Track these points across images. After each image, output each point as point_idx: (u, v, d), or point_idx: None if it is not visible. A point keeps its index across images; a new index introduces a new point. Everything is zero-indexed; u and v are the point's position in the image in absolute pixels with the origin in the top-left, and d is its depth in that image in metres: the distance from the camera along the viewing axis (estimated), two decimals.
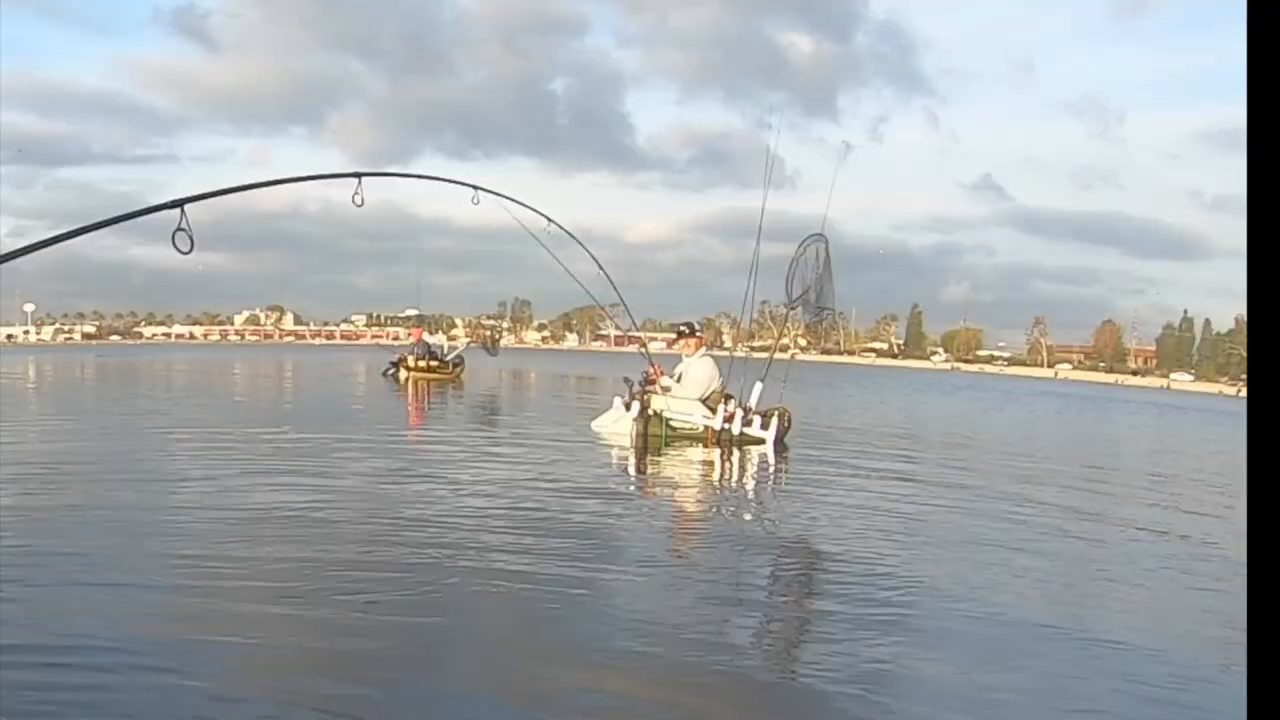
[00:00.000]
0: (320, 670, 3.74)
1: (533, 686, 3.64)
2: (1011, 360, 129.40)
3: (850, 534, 6.97)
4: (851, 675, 3.90)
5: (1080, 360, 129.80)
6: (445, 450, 11.53)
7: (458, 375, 29.32)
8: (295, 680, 3.63)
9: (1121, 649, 4.52)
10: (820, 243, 13.49)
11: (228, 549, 5.63)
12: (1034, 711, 3.72)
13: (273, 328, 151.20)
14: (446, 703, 3.53)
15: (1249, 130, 2.21)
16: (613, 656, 3.99)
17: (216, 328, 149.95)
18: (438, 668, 3.84)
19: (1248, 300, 2.18)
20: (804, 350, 15.54)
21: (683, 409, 13.07)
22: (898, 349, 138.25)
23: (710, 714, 3.53)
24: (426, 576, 5.12)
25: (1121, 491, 11.09)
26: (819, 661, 4.08)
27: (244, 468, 9.32)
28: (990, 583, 5.66)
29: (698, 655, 4.05)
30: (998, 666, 4.17)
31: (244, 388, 27.95)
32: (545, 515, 7.10)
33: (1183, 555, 7.06)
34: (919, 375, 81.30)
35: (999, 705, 3.75)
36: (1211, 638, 4.86)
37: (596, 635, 4.27)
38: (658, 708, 3.51)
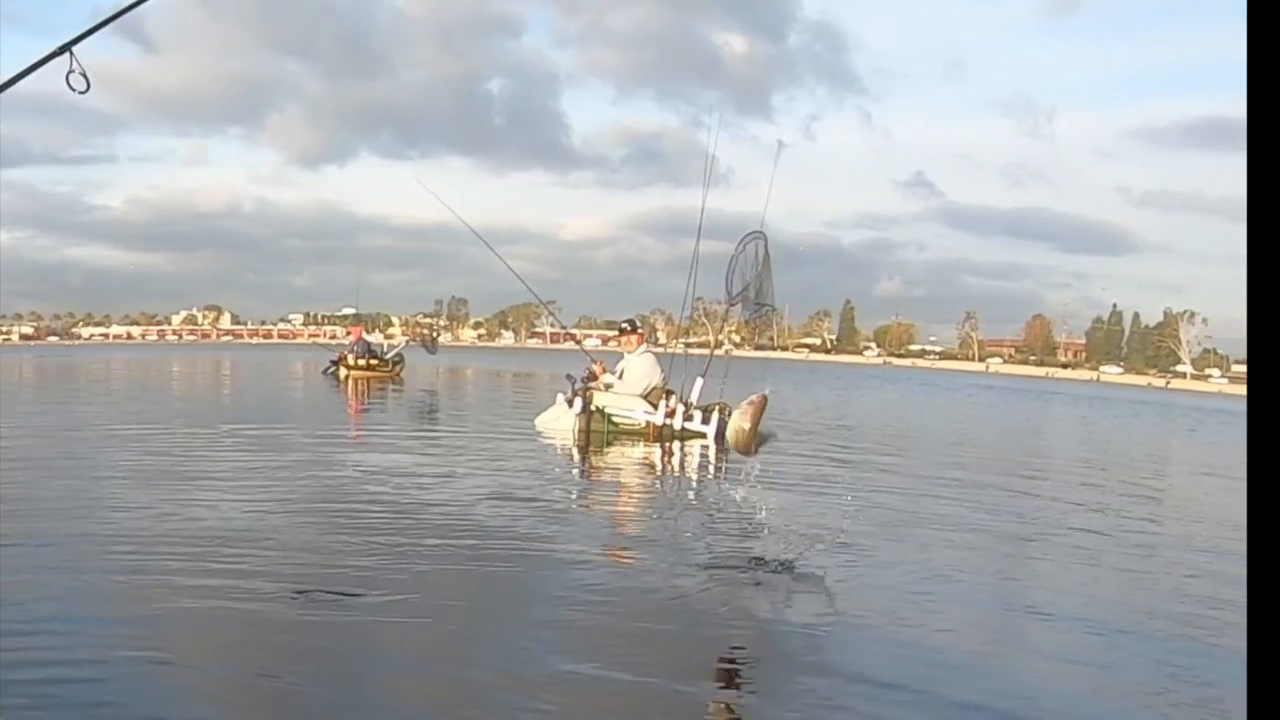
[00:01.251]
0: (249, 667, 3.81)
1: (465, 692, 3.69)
2: (943, 354, 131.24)
3: (791, 522, 7.20)
4: (795, 650, 4.14)
5: (1011, 354, 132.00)
6: (384, 448, 11.62)
7: (398, 373, 29.31)
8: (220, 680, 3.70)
9: (1048, 615, 4.88)
10: (760, 240, 13.73)
11: (170, 550, 5.66)
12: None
13: (210, 327, 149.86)
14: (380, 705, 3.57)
15: (1249, 130, 2.18)
16: (550, 674, 3.98)
17: (154, 328, 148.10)
18: (367, 676, 3.82)
19: (1248, 300, 2.15)
20: (738, 346, 15.73)
21: (624, 405, 13.25)
22: (830, 344, 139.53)
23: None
24: (361, 572, 5.20)
25: (1052, 476, 11.50)
26: (756, 630, 4.31)
27: (189, 466, 9.33)
28: (922, 555, 5.94)
29: (637, 652, 4.24)
30: (929, 624, 4.43)
31: (187, 388, 27.66)
32: (485, 514, 7.17)
33: (1112, 531, 7.45)
34: (852, 370, 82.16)
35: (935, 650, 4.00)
36: (1135, 601, 5.27)
37: (538, 642, 4.34)
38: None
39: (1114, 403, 42.72)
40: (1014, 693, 3.85)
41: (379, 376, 28.15)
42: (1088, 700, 3.82)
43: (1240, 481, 13.34)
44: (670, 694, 3.67)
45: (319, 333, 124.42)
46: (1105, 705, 3.81)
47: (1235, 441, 22.24)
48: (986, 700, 3.73)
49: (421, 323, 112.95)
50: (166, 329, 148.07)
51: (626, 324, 14.13)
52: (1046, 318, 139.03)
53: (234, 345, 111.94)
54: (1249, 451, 2.11)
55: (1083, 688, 3.97)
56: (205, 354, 63.69)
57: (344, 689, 3.64)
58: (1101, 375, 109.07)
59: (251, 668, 3.78)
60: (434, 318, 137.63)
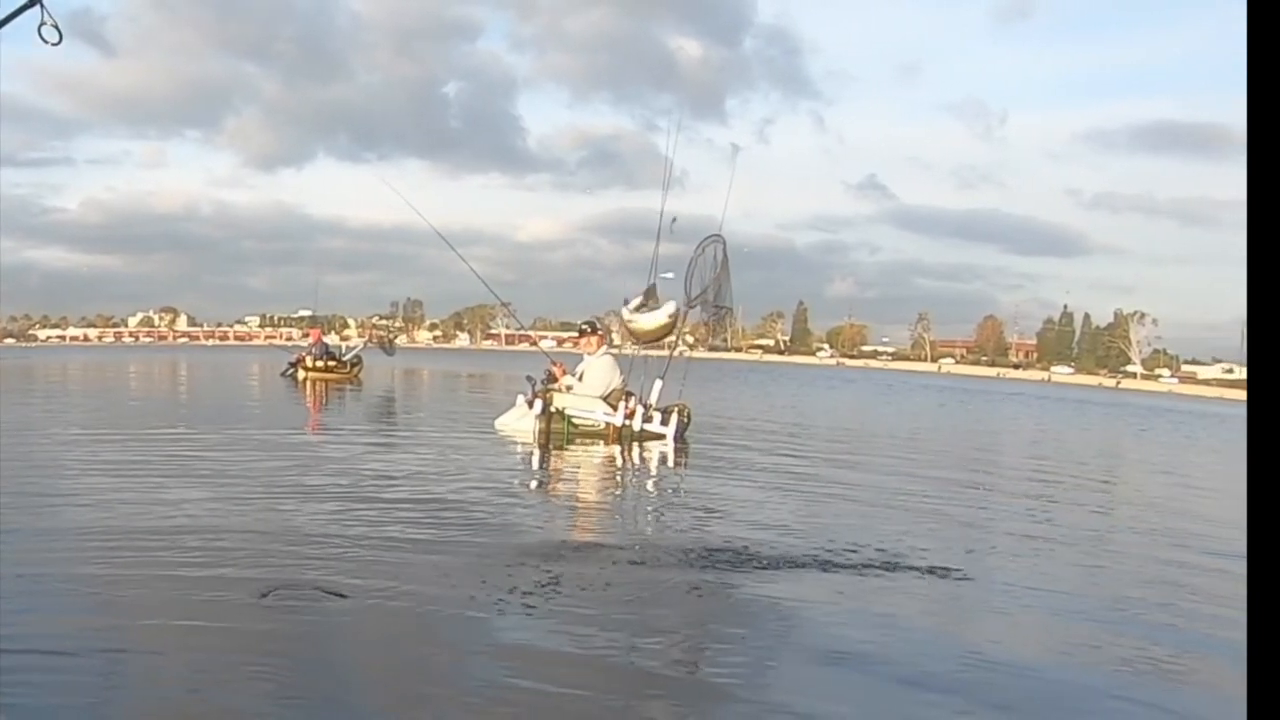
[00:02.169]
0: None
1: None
2: (895, 355, 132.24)
3: (749, 520, 7.41)
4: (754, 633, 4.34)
5: (963, 354, 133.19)
6: (344, 449, 11.66)
7: (356, 375, 29.31)
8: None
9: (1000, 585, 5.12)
10: (719, 243, 13.98)
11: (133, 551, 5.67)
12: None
13: (166, 329, 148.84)
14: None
15: (1249, 130, 2.17)
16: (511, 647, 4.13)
17: (111, 330, 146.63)
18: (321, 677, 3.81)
19: (1248, 300, 2.13)
20: (692, 348, 15.93)
21: (584, 406, 13.39)
22: (784, 345, 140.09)
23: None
24: (325, 565, 5.29)
25: (1003, 470, 11.82)
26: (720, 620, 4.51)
27: (152, 466, 9.31)
28: (876, 537, 6.16)
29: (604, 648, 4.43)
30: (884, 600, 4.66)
31: (147, 389, 27.47)
32: (447, 514, 7.21)
33: (1061, 522, 7.73)
34: (805, 371, 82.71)
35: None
36: (1079, 577, 5.59)
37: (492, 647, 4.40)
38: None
39: (1065, 402, 43.43)
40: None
41: (337, 378, 28.14)
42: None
43: (1191, 479, 13.83)
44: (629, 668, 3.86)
45: (275, 335, 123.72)
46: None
47: (1185, 442, 22.77)
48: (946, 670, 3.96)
49: (378, 324, 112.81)
50: (123, 331, 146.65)
51: (586, 325, 14.22)
52: (998, 319, 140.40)
53: (190, 347, 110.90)
54: (1249, 452, 2.11)
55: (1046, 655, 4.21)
56: (162, 356, 63.12)
57: (310, 676, 3.75)
58: (1053, 375, 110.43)
59: (214, 656, 3.87)
60: (390, 319, 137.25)
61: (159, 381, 31.73)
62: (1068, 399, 49.03)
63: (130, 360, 51.67)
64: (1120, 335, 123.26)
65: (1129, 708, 3.81)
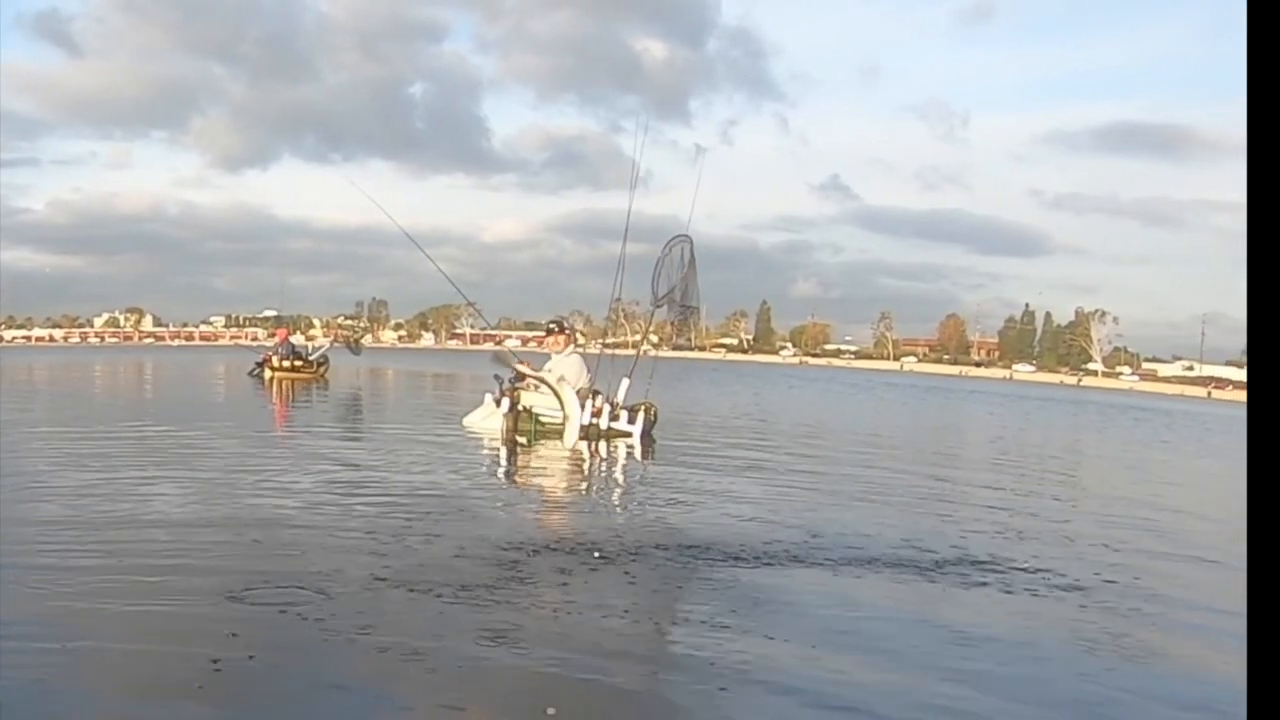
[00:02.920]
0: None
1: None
2: (858, 354, 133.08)
3: (715, 514, 7.61)
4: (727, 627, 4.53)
5: (925, 353, 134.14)
6: (313, 446, 11.74)
7: (322, 374, 29.30)
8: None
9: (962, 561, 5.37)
10: (686, 243, 14.17)
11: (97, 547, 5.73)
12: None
13: (132, 330, 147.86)
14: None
15: (1249, 130, 2.18)
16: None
17: (76, 330, 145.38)
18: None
19: (1248, 300, 2.15)
20: (656, 347, 16.11)
21: (551, 405, 13.46)
22: (748, 344, 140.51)
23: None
24: (292, 566, 5.32)
25: (966, 463, 12.09)
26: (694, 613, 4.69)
27: (122, 464, 9.32)
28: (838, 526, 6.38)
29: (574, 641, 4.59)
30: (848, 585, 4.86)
31: (115, 389, 27.33)
32: (415, 509, 7.32)
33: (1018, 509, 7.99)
34: (769, 369, 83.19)
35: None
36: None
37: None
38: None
39: (1028, 400, 43.97)
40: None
41: (304, 378, 28.14)
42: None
43: (1150, 473, 14.16)
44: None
45: (240, 335, 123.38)
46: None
47: (1146, 439, 23.16)
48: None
49: (343, 324, 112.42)
50: (89, 331, 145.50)
51: (554, 325, 14.34)
52: (960, 317, 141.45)
53: (156, 347, 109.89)
54: (1249, 452, 2.11)
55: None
56: (128, 356, 62.54)
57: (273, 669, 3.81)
58: (1014, 373, 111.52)
59: (180, 652, 3.90)
60: (355, 319, 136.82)
61: (126, 382, 31.54)
62: (1030, 396, 49.65)
63: (97, 360, 51.23)
64: (1081, 334, 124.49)
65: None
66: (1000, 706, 3.73)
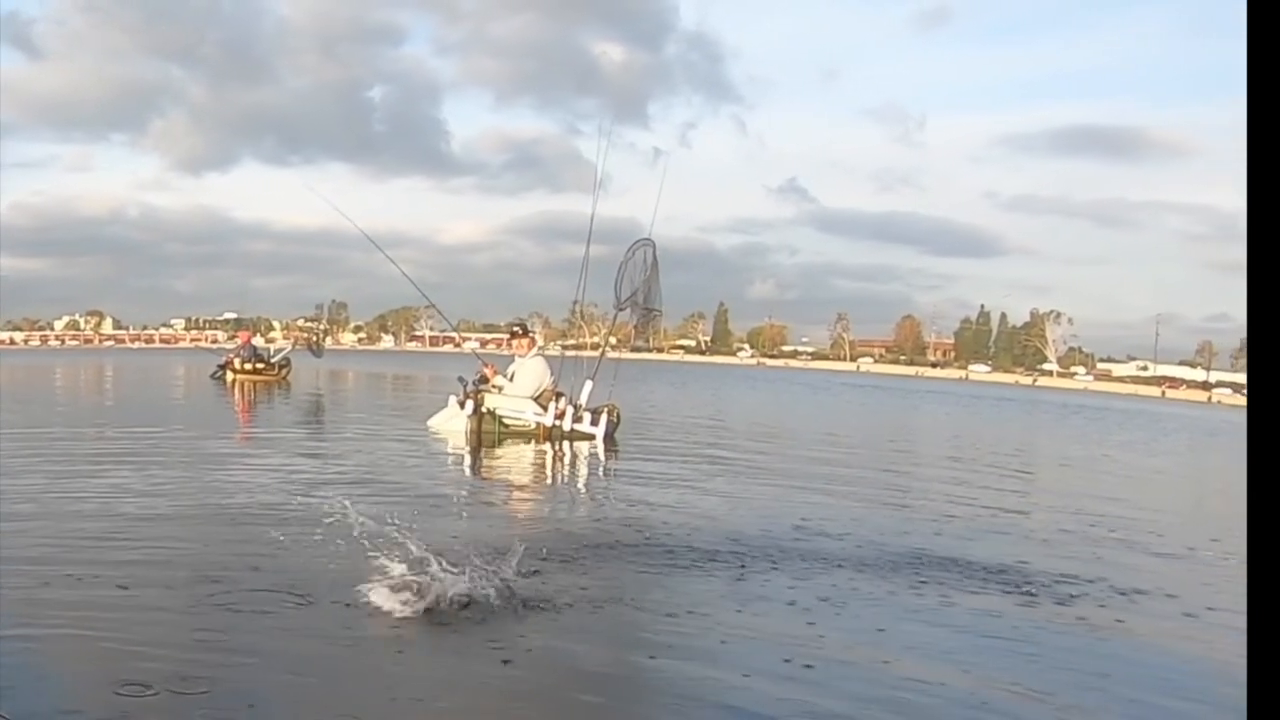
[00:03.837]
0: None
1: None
2: (815, 355, 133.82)
3: (679, 514, 7.84)
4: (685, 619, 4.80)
5: (881, 354, 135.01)
6: (275, 448, 11.84)
7: (284, 376, 29.27)
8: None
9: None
10: (648, 247, 14.42)
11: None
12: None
13: (93, 333, 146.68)
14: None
15: (1249, 130, 2.17)
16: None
17: (37, 333, 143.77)
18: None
19: (1248, 300, 2.13)
20: (614, 348, 16.33)
21: (515, 407, 13.68)
22: (705, 346, 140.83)
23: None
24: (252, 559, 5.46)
25: (923, 460, 12.43)
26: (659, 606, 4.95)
27: (86, 465, 9.41)
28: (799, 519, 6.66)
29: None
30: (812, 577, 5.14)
31: (78, 392, 27.14)
32: (376, 505, 7.43)
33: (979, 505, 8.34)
34: (726, 370, 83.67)
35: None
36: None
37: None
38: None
39: (984, 400, 44.63)
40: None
41: (266, 380, 28.15)
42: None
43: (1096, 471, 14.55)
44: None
45: (200, 337, 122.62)
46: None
47: (1097, 437, 23.65)
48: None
49: (303, 327, 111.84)
50: (49, 334, 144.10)
51: (519, 328, 14.59)
52: (916, 318, 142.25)
53: (116, 350, 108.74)
54: (1249, 454, 2.11)
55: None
56: (89, 359, 61.65)
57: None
58: (970, 374, 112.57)
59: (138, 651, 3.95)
60: (315, 321, 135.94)
61: (88, 385, 31.26)
62: (986, 396, 50.40)
63: (58, 363, 50.64)
64: (1037, 334, 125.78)
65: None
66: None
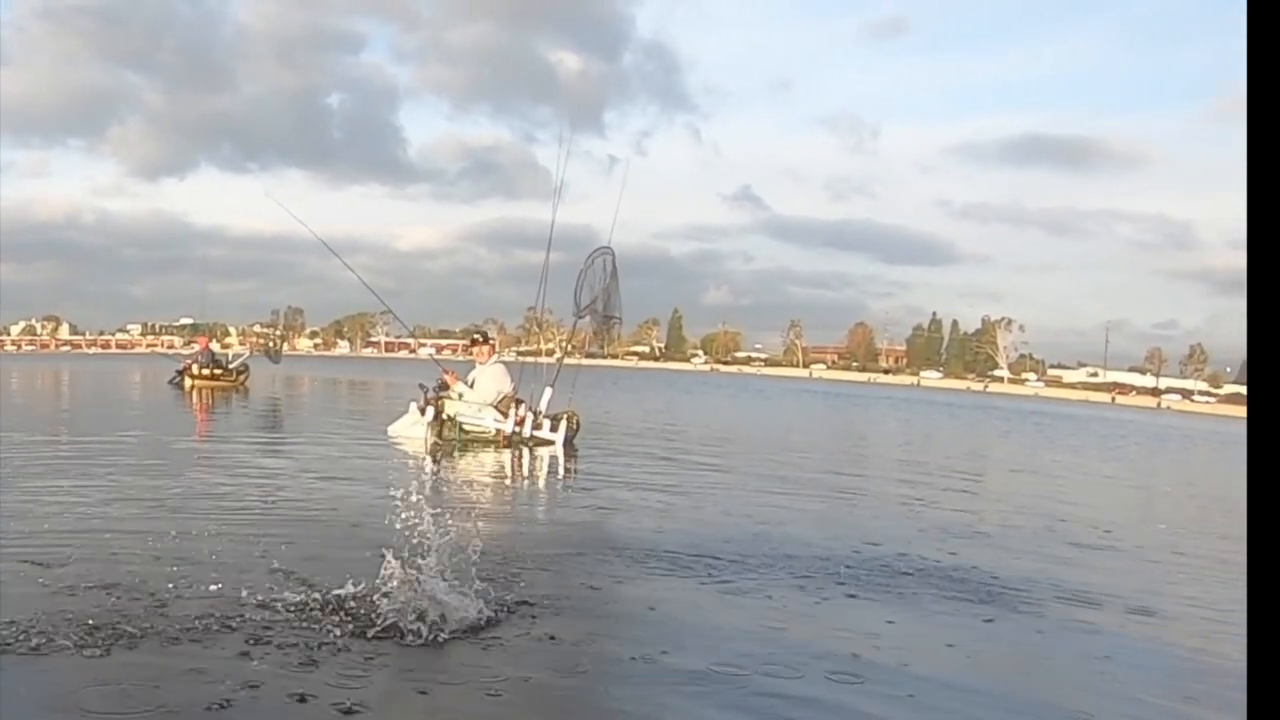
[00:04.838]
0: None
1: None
2: (768, 361, 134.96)
3: (641, 519, 8.15)
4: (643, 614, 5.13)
5: (834, 360, 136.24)
6: (234, 454, 11.93)
7: (242, 382, 29.20)
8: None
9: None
10: (608, 255, 14.72)
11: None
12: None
13: (49, 338, 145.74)
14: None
15: (1249, 130, 2.17)
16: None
17: None
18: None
19: (1248, 300, 2.14)
20: (570, 354, 16.60)
21: (475, 413, 13.88)
22: (659, 352, 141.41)
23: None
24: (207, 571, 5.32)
25: (874, 464, 12.84)
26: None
27: (39, 471, 9.33)
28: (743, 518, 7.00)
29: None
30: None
31: (37, 398, 26.93)
32: (336, 509, 7.70)
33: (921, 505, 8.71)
34: (680, 377, 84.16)
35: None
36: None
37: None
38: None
39: (935, 405, 45.27)
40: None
41: (224, 386, 28.07)
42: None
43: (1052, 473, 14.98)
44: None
45: (157, 343, 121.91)
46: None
47: (1046, 443, 24.22)
48: None
49: (260, 332, 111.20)
50: (5, 340, 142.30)
51: (479, 335, 14.84)
52: (868, 325, 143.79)
53: (73, 355, 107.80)
54: (1249, 455, 2.11)
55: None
56: (45, 364, 60.93)
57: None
58: (922, 380, 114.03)
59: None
60: (271, 327, 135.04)
61: (45, 390, 30.95)
62: (937, 402, 51.12)
63: (13, 369, 50.01)
64: (988, 341, 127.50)
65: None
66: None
